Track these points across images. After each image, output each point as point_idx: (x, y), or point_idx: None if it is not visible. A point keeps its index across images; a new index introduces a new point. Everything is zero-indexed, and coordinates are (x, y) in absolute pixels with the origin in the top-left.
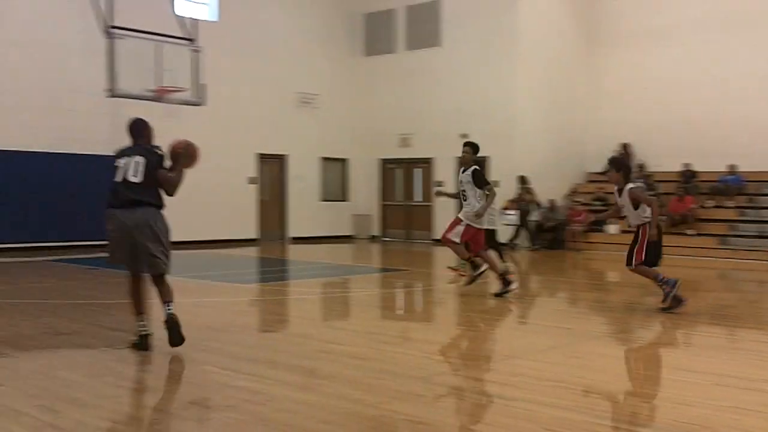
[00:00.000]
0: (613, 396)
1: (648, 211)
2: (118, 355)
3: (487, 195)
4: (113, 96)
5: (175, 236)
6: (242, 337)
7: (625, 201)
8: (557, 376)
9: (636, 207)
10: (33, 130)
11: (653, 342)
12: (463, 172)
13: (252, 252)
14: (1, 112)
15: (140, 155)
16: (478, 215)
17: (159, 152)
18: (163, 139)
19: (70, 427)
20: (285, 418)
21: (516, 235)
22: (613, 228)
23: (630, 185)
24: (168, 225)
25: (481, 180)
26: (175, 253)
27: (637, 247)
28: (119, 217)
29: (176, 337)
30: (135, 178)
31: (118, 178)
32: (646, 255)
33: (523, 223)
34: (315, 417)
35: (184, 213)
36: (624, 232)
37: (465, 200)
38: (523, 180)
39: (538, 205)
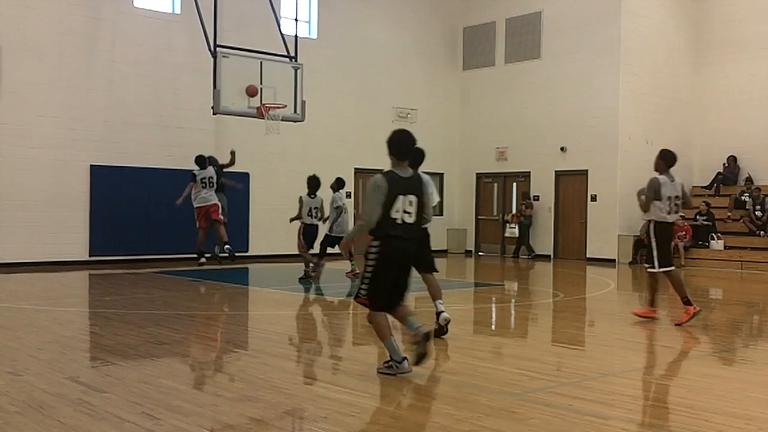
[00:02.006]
0: (714, 417)
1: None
2: (216, 364)
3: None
4: (217, 113)
5: (277, 249)
6: (336, 349)
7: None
8: (655, 395)
9: None
10: (142, 147)
11: (757, 361)
12: (201, 169)
13: (347, 266)
14: (112, 129)
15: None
16: None
17: None
18: (264, 155)
19: None
20: (376, 430)
21: (517, 247)
22: (717, 244)
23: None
24: None
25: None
26: (272, 266)
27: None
28: None
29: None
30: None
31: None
32: (304, 238)
33: (522, 236)
34: (406, 430)
35: (284, 226)
36: (727, 248)
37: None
38: (525, 196)
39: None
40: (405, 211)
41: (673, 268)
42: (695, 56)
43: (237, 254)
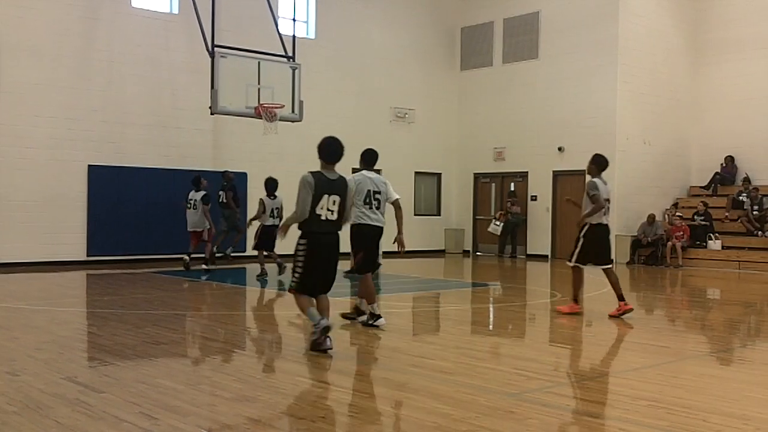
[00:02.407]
0: (712, 417)
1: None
2: (214, 364)
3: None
4: (215, 113)
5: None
6: (335, 349)
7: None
8: (652, 395)
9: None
10: (140, 147)
11: (755, 361)
12: (195, 191)
13: (344, 265)
14: (110, 129)
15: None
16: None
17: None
18: (262, 155)
19: None
20: (373, 431)
21: (502, 245)
22: (715, 244)
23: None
24: None
25: (206, 201)
26: (269, 266)
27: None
28: None
29: None
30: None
31: None
32: (259, 239)
33: (509, 233)
34: (404, 430)
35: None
36: (725, 248)
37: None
38: (510, 194)
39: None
40: (329, 209)
41: (610, 266)
42: (693, 56)
43: (234, 255)
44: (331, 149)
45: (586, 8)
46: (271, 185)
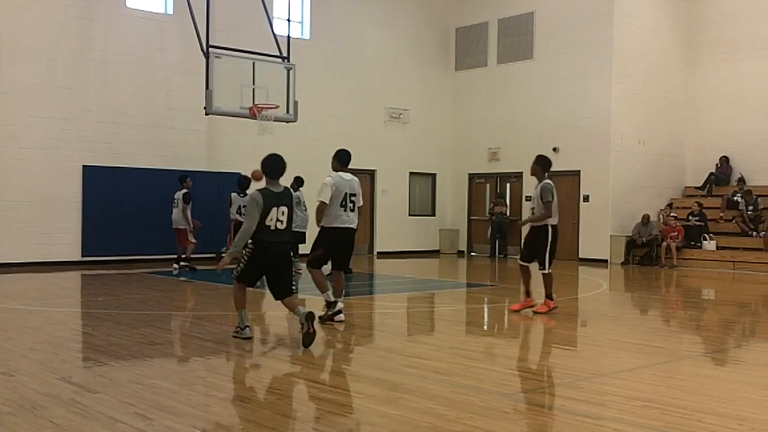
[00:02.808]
0: (707, 418)
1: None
2: (208, 364)
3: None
4: (210, 114)
5: None
6: (328, 350)
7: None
8: (647, 395)
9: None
10: (135, 147)
11: (749, 362)
12: (179, 190)
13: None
14: (104, 129)
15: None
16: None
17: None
18: (257, 155)
19: None
20: (368, 431)
21: (492, 245)
22: (710, 244)
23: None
24: None
25: (186, 199)
26: None
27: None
28: None
29: None
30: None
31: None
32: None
33: (498, 234)
34: (398, 430)
35: None
36: (720, 248)
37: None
38: (497, 195)
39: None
40: (278, 220)
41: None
42: (687, 56)
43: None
44: (273, 166)
45: (580, 9)
46: (243, 183)
